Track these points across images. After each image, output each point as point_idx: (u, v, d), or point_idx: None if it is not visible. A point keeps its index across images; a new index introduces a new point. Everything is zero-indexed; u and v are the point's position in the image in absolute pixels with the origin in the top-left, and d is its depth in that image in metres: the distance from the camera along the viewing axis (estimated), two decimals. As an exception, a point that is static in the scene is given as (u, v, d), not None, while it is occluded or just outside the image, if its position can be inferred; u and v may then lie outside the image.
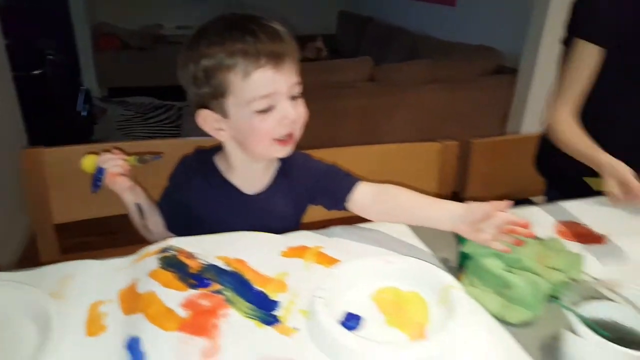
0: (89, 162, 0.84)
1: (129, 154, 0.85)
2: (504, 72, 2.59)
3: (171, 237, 0.87)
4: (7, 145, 1.99)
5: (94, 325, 0.62)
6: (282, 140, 0.79)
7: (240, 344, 0.58)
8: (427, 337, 0.61)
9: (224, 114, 0.78)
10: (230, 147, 0.84)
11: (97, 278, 0.71)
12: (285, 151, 0.82)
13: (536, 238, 0.75)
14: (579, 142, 1.00)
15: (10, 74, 2.19)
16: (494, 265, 0.71)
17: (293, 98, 0.79)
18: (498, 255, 0.72)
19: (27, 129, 2.30)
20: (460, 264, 0.76)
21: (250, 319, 0.63)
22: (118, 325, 0.62)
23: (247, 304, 0.65)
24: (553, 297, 0.67)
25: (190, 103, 0.81)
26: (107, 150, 0.85)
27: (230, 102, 0.76)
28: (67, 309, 0.64)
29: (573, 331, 0.57)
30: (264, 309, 0.65)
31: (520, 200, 1.37)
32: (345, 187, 0.85)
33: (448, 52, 2.85)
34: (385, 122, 2.57)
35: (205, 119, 0.79)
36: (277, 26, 0.78)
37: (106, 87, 4.21)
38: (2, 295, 0.64)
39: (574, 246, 0.83)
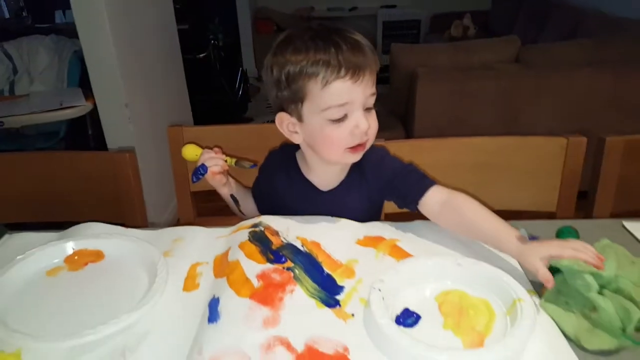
0: (189, 152, 0.95)
1: (228, 155, 0.94)
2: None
3: None
4: (178, 120, 2.37)
5: (190, 282, 0.75)
6: (353, 148, 0.82)
7: (298, 320, 0.64)
8: (484, 346, 0.59)
9: (299, 118, 0.82)
10: (305, 149, 0.89)
11: (201, 242, 0.84)
12: (356, 157, 0.84)
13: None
14: None
15: (181, 57, 2.59)
16: (584, 283, 0.64)
17: (367, 109, 0.81)
18: (594, 273, 0.65)
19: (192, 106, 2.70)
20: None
21: (313, 299, 0.68)
22: (208, 286, 0.73)
23: (313, 284, 0.71)
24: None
25: (272, 104, 0.86)
26: (210, 148, 0.95)
27: (307, 108, 0.80)
28: (173, 266, 0.77)
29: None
30: (328, 291, 0.70)
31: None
32: (416, 191, 0.84)
33: (615, 30, 2.43)
34: (529, 109, 2.33)
35: (282, 120, 0.84)
36: (360, 38, 0.80)
37: (261, 67, 4.62)
38: (126, 248, 0.81)
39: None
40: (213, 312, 0.66)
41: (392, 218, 0.91)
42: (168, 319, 0.67)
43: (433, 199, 0.83)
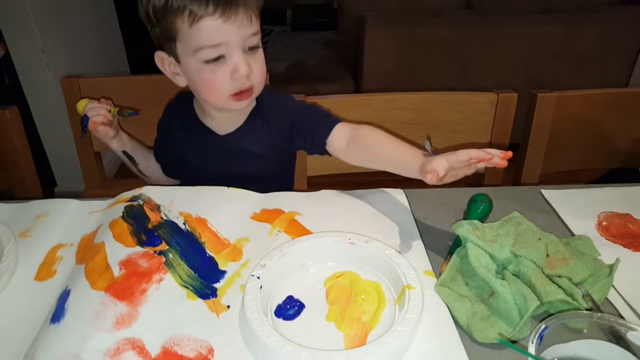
0: (80, 105, 0.86)
1: (115, 105, 0.86)
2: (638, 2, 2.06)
3: (172, 182, 0.88)
4: (111, 71, 2.19)
5: (45, 269, 0.64)
6: (236, 94, 0.75)
7: (160, 316, 0.55)
8: (366, 343, 0.52)
9: (176, 58, 0.74)
10: (194, 93, 0.81)
11: (69, 219, 0.72)
12: (241, 105, 0.77)
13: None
14: None
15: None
16: (481, 262, 0.58)
17: (250, 49, 0.73)
18: (492, 252, 0.58)
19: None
20: (451, 250, 0.64)
21: (184, 288, 0.59)
22: (66, 273, 0.63)
23: (189, 270, 0.61)
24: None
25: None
26: (96, 99, 0.86)
27: (180, 48, 0.73)
28: (29, 248, 0.66)
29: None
30: (207, 278, 0.61)
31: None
32: (323, 129, 0.80)
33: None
34: (479, 59, 2.24)
35: (162, 61, 0.77)
36: None
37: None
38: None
39: (614, 251, 0.63)
40: (59, 308, 0.55)
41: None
42: (10, 315, 0.57)
43: (340, 136, 0.79)
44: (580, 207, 0.72)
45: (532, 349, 0.42)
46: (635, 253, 0.63)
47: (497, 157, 0.59)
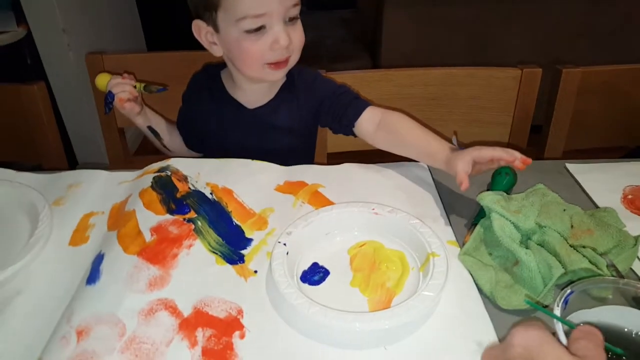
0: (101, 81, 0.85)
1: (138, 80, 0.86)
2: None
3: (194, 155, 0.90)
4: (128, 48, 2.20)
5: (79, 235, 0.66)
6: (273, 64, 0.75)
7: (191, 279, 0.57)
8: (391, 307, 0.54)
9: (215, 27, 0.75)
10: (228, 64, 0.82)
11: (99, 189, 0.75)
12: (278, 75, 0.78)
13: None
14: None
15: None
16: (505, 232, 0.58)
17: (290, 20, 0.73)
18: (516, 222, 0.59)
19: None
20: (475, 221, 0.64)
21: (213, 254, 0.61)
22: (98, 239, 0.65)
23: (217, 237, 0.63)
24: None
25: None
26: (119, 74, 0.86)
27: (221, 17, 0.72)
28: (63, 215, 0.68)
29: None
30: (234, 245, 0.63)
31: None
32: (353, 111, 0.81)
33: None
34: (498, 39, 2.20)
35: (200, 30, 0.77)
36: None
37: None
38: (6, 195, 0.71)
39: (638, 223, 0.63)
40: (94, 271, 0.58)
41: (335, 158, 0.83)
42: (46, 278, 0.59)
43: (369, 120, 0.80)
44: (605, 180, 0.72)
45: (557, 312, 0.43)
46: (660, 225, 0.63)
47: (519, 160, 0.63)
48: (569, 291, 0.45)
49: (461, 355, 0.48)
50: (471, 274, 0.57)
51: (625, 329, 0.44)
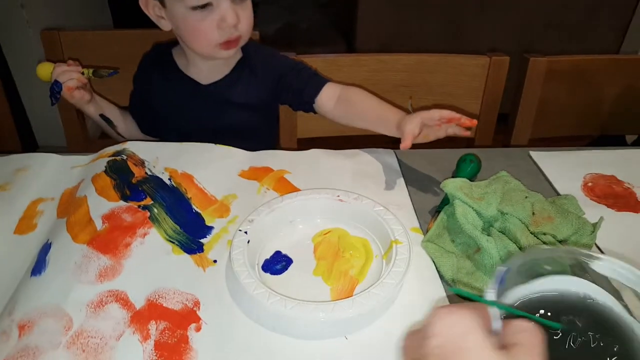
0: (43, 71, 0.79)
1: (84, 66, 0.81)
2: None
3: (148, 139, 0.86)
4: (92, 25, 2.08)
5: (26, 223, 0.62)
6: (223, 44, 0.73)
7: (144, 270, 0.54)
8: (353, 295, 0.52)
9: (161, 1, 0.72)
10: (179, 40, 0.79)
11: (50, 173, 0.70)
12: (228, 54, 0.76)
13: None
14: None
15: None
16: (468, 219, 0.58)
17: None
18: (479, 209, 0.58)
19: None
20: (439, 208, 0.64)
21: (170, 243, 0.58)
22: (46, 227, 0.61)
23: (174, 225, 0.60)
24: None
25: None
26: (62, 62, 0.80)
27: None
28: (7, 202, 0.64)
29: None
30: (192, 233, 0.60)
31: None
32: (313, 87, 0.81)
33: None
34: (472, 24, 2.21)
35: (147, 3, 0.74)
36: None
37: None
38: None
39: (598, 211, 0.64)
40: (40, 261, 0.54)
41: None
42: (-12, 269, 0.55)
43: (328, 95, 0.81)
44: (566, 168, 0.72)
45: (491, 295, 0.40)
46: (618, 213, 0.64)
47: (465, 118, 0.65)
48: (504, 269, 0.42)
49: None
50: (433, 261, 0.56)
51: (574, 296, 0.43)
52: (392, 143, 0.75)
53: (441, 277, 0.54)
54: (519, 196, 0.61)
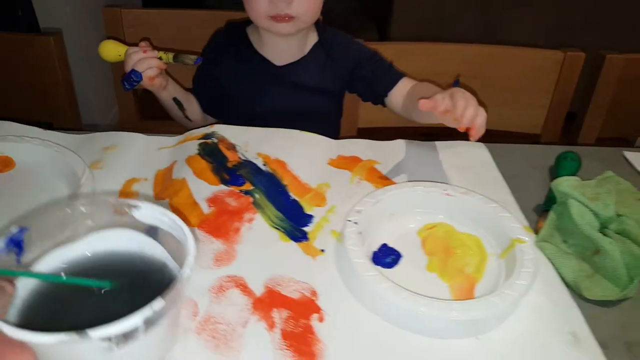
0: (108, 51, 0.75)
1: (161, 50, 0.74)
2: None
3: (210, 121, 0.84)
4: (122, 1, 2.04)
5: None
6: (274, 17, 0.73)
7: (257, 256, 0.53)
8: (475, 296, 0.51)
9: None
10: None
11: (138, 153, 0.69)
12: (281, 28, 0.74)
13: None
14: None
15: None
16: (585, 219, 0.56)
17: None
18: (596, 210, 0.57)
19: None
20: (545, 207, 0.62)
21: (276, 230, 0.57)
22: (145, 208, 0.60)
23: (276, 212, 0.59)
24: None
25: None
26: (133, 44, 0.75)
27: None
28: (102, 181, 0.63)
29: None
30: (294, 221, 0.59)
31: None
32: (387, 81, 0.81)
33: None
34: (507, 19, 2.17)
35: None
36: None
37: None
38: (42, 155, 0.65)
39: None
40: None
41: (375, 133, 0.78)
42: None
43: (401, 91, 0.81)
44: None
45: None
46: None
47: (466, 124, 0.65)
48: (16, 230, 0.36)
49: (557, 346, 0.45)
50: (552, 262, 0.54)
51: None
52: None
53: (561, 278, 0.53)
54: (631, 197, 0.59)
